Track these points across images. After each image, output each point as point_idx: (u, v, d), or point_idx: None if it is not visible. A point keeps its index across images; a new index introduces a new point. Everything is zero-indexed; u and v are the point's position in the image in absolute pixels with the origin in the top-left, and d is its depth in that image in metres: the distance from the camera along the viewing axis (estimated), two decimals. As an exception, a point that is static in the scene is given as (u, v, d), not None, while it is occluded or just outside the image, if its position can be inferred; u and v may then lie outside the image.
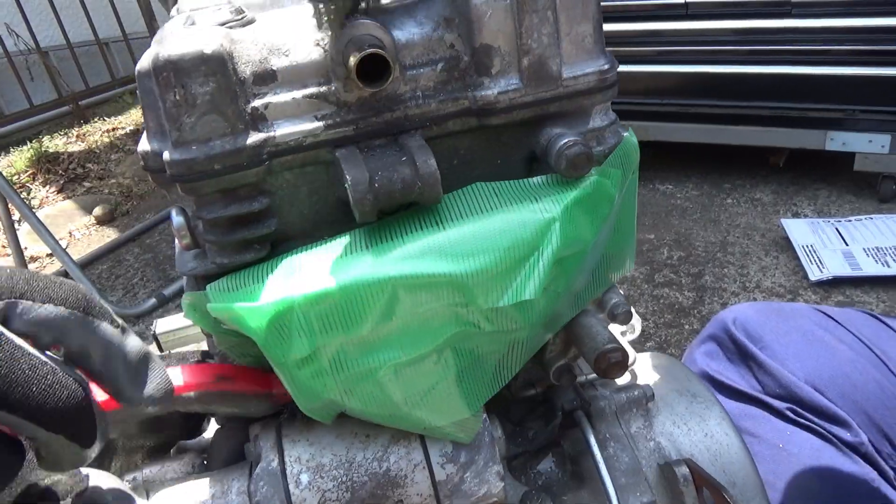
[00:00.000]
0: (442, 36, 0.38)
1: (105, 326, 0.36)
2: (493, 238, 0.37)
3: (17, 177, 3.46)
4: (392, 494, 0.42)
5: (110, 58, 4.60)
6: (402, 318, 0.37)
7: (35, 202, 3.26)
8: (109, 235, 2.99)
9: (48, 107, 4.21)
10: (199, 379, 0.42)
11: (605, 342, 0.45)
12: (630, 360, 0.51)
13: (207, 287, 0.38)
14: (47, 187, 3.44)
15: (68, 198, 3.33)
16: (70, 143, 3.97)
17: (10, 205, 2.38)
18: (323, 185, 0.39)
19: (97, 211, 3.10)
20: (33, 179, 3.50)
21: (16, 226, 2.54)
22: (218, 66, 0.34)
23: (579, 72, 0.39)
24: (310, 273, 0.36)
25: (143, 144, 0.38)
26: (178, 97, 0.34)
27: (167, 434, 0.51)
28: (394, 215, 0.39)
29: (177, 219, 0.39)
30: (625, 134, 0.44)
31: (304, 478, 0.42)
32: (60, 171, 3.56)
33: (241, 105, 0.36)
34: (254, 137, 0.36)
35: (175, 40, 0.35)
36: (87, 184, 3.47)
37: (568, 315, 0.45)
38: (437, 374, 0.39)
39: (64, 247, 2.51)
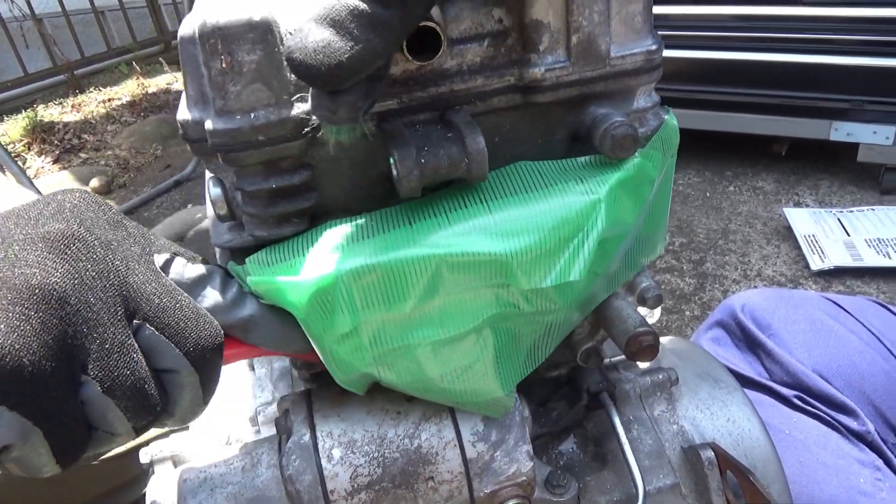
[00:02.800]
0: (490, 10, 0.37)
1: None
2: (538, 218, 0.36)
3: (12, 146, 3.42)
4: (423, 471, 0.42)
5: (106, 27, 4.53)
6: (443, 297, 0.36)
7: (31, 172, 3.22)
8: (106, 207, 2.96)
9: (43, 75, 4.15)
10: None
11: (637, 325, 0.45)
12: (657, 344, 0.51)
13: (247, 260, 0.38)
14: (42, 157, 3.40)
15: (64, 168, 3.30)
16: (65, 112, 3.92)
17: (7, 173, 2.35)
18: (365, 160, 0.39)
19: (94, 183, 3.07)
20: (28, 149, 3.46)
21: (12, 194, 2.50)
22: (266, 33, 0.34)
23: (627, 51, 0.38)
24: (353, 248, 0.36)
25: (183, 113, 0.37)
26: (224, 65, 0.34)
27: None
28: (436, 192, 0.38)
29: (214, 190, 0.39)
30: (666, 116, 0.43)
31: (336, 453, 0.42)
32: (56, 142, 3.52)
33: (287, 75, 0.35)
34: (298, 109, 0.36)
35: (221, 6, 0.34)
36: (83, 155, 3.43)
37: (601, 297, 0.44)
38: (475, 354, 0.39)
39: (61, 217, 2.49)
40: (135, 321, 0.33)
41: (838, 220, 2.21)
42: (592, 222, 0.37)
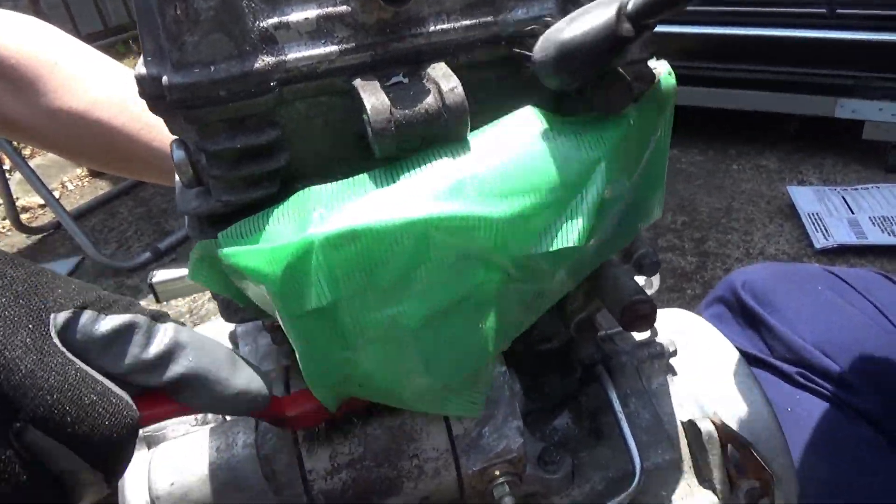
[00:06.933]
0: (471, -49, 0.34)
1: (178, 326, 0.34)
2: (533, 178, 0.33)
3: (7, 128, 3.39)
4: (407, 449, 0.40)
5: (103, 6, 4.46)
6: (430, 264, 0.33)
7: (26, 152, 3.19)
8: (102, 188, 2.94)
9: (38, 56, 4.10)
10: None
11: (632, 294, 0.43)
12: (654, 314, 0.49)
13: (219, 235, 0.35)
14: (38, 139, 3.37)
15: (60, 150, 3.26)
16: (61, 94, 3.88)
17: (1, 154, 2.33)
18: (338, 118, 0.36)
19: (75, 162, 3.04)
20: (24, 131, 3.43)
21: (7, 175, 2.49)
22: (224, -23, 0.31)
23: (620, -4, 0.36)
24: (332, 213, 0.33)
25: (140, 68, 0.35)
26: (178, 12, 0.31)
27: None
28: (416, 151, 0.35)
29: (177, 153, 0.36)
30: (661, 70, 0.40)
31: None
32: (51, 123, 3.48)
33: (250, 24, 0.32)
34: (263, 61, 0.33)
35: (176, -51, 0.31)
36: (79, 136, 3.40)
37: (595, 264, 0.42)
38: (458, 326, 0.36)
39: (56, 198, 2.47)
40: (17, 424, 0.27)
41: (843, 198, 2.19)
42: (592, 182, 0.34)
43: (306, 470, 0.39)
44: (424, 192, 0.32)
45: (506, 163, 0.33)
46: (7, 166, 2.52)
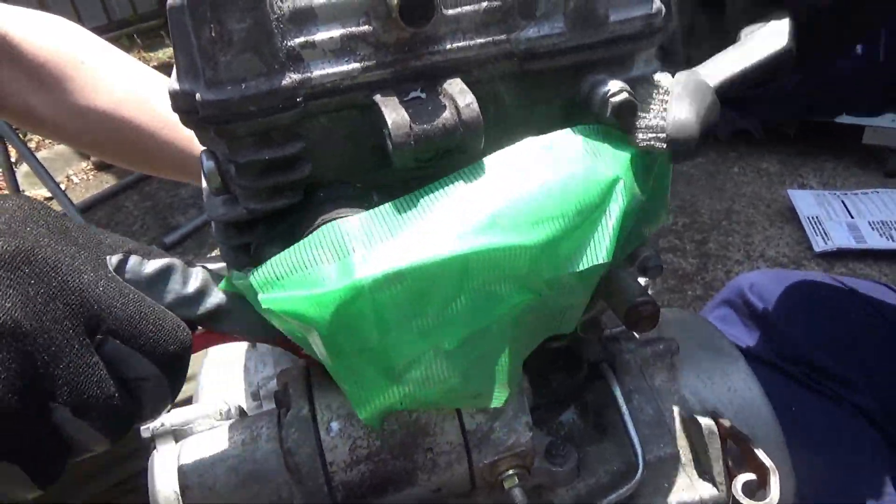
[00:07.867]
0: (486, -26, 0.36)
1: (205, 269, 0.39)
2: (561, 203, 0.35)
3: (12, 123, 3.40)
4: (422, 443, 0.42)
5: (106, -1, 4.46)
6: (468, 293, 0.35)
7: (31, 145, 3.20)
8: (108, 181, 2.95)
9: (42, 51, 4.10)
10: None
11: (637, 295, 0.45)
12: (657, 315, 0.51)
13: (251, 279, 0.35)
14: (44, 134, 3.38)
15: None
16: (66, 90, 3.88)
17: (8, 146, 2.34)
18: (358, 131, 0.38)
19: (94, 157, 3.05)
20: (29, 126, 3.43)
21: (14, 168, 2.50)
22: (255, 0, 0.33)
23: (626, 16, 0.38)
24: (373, 251, 0.34)
25: (173, 84, 0.37)
26: (213, 33, 0.33)
27: None
28: (443, 178, 0.37)
29: (207, 163, 0.38)
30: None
31: (335, 425, 0.42)
32: (57, 119, 3.48)
33: (278, 44, 0.34)
34: (290, 78, 0.35)
35: (209, -27, 0.33)
36: (84, 132, 3.40)
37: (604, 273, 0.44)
38: (493, 343, 0.37)
39: (63, 190, 2.48)
40: (98, 336, 0.32)
41: (842, 202, 2.20)
42: (613, 201, 0.36)
43: (327, 462, 0.41)
44: (461, 226, 0.34)
45: (533, 191, 0.35)
46: (13, 159, 2.54)
